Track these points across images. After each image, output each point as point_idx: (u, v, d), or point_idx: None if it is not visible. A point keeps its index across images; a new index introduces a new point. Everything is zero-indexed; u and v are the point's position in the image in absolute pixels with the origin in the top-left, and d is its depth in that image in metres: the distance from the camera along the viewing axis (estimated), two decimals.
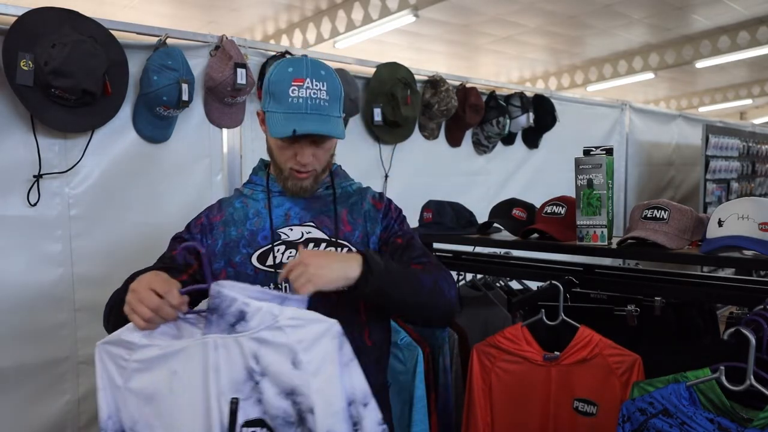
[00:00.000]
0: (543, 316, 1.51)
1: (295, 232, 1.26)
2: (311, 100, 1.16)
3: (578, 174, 1.65)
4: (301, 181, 1.24)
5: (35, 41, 1.64)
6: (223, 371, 0.99)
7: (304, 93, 1.16)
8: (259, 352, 0.98)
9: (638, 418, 1.15)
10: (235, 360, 0.99)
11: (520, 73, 10.83)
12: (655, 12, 7.41)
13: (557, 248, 1.69)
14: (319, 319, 0.98)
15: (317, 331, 0.97)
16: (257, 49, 2.32)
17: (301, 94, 1.16)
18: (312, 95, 1.17)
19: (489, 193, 3.33)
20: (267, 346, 0.98)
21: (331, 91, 1.19)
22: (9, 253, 1.73)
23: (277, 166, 1.26)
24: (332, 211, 1.29)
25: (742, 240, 1.35)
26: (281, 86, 1.17)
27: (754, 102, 13.46)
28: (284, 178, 1.25)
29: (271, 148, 1.26)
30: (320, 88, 1.18)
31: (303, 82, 1.16)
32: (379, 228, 1.30)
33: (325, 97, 1.18)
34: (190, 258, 1.24)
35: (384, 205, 1.34)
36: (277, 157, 1.24)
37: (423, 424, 1.63)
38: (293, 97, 1.16)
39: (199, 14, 7.02)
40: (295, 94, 1.16)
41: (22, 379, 1.77)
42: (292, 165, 1.23)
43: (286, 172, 1.24)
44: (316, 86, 1.17)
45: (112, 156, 1.93)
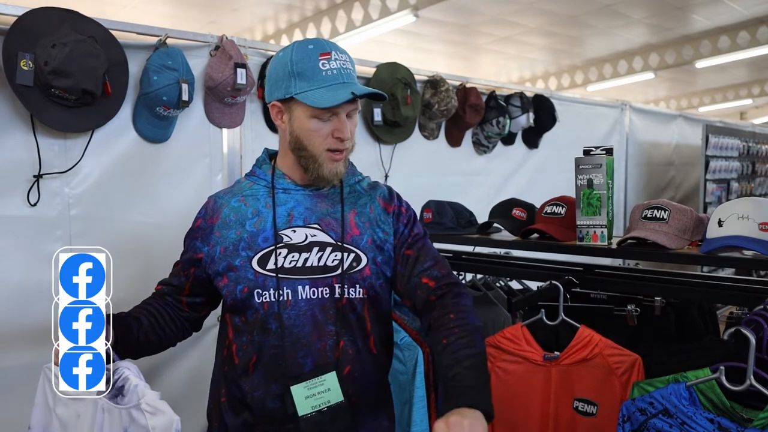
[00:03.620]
0: (543, 316, 1.51)
1: (299, 234, 1.20)
2: (344, 70, 1.15)
3: (578, 174, 1.65)
4: (337, 164, 1.19)
5: (35, 41, 1.63)
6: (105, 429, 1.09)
7: (335, 65, 1.14)
8: (129, 428, 1.07)
9: (638, 418, 1.15)
10: (115, 427, 1.08)
11: (520, 73, 10.82)
12: (655, 12, 7.41)
13: (557, 248, 1.69)
14: (167, 410, 1.05)
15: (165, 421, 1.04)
16: (257, 49, 2.32)
17: (333, 66, 1.14)
18: (342, 66, 1.15)
19: (489, 193, 3.33)
20: (134, 425, 1.06)
21: (351, 61, 1.18)
22: (9, 253, 1.73)
23: (309, 153, 1.18)
24: (339, 212, 1.23)
25: (742, 240, 1.35)
26: (309, 63, 1.13)
27: (754, 102, 13.46)
28: (316, 166, 1.18)
29: (300, 135, 1.18)
30: (345, 58, 1.17)
31: (330, 54, 1.14)
32: (391, 235, 1.25)
33: (351, 67, 1.17)
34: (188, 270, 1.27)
35: (395, 208, 1.28)
36: (311, 141, 1.17)
37: (423, 424, 1.63)
38: (325, 70, 1.13)
39: (199, 14, 7.02)
40: (326, 67, 1.13)
41: (22, 379, 1.77)
42: (329, 145, 1.17)
43: (321, 157, 1.17)
44: (342, 57, 1.16)
45: (112, 156, 1.92)
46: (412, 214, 1.31)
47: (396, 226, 1.26)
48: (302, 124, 1.17)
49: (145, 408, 1.04)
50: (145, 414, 1.04)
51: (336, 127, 1.16)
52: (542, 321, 1.51)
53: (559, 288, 1.50)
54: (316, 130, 1.16)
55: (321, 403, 1.15)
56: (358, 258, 1.21)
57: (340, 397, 1.16)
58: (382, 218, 1.26)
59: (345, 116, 1.17)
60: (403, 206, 1.30)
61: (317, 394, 1.15)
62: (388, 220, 1.26)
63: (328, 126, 1.16)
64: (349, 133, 1.17)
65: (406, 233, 1.27)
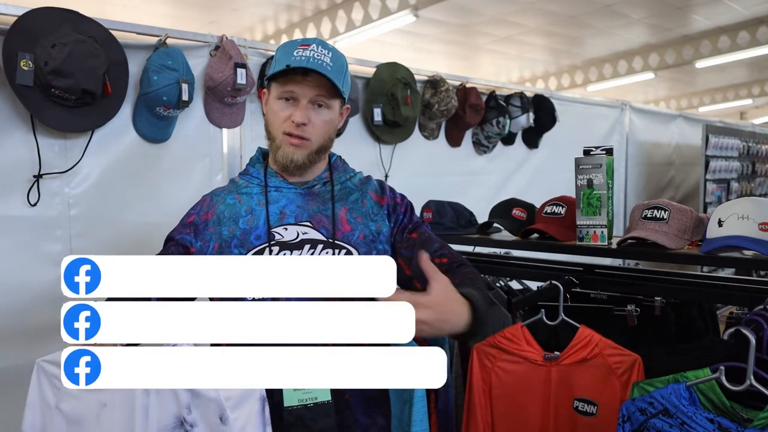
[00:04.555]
0: (543, 316, 1.51)
1: (290, 232, 1.21)
2: (314, 59, 1.16)
3: (578, 174, 1.65)
4: (292, 151, 1.19)
5: (35, 41, 1.64)
6: (152, 415, 1.04)
7: (308, 53, 1.16)
8: (192, 403, 1.03)
9: (638, 418, 1.15)
10: (167, 406, 1.04)
11: (520, 73, 10.82)
12: (655, 12, 7.41)
13: (557, 248, 1.69)
14: None
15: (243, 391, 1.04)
16: (257, 49, 2.32)
17: (305, 54, 1.15)
18: (314, 56, 1.16)
19: (489, 193, 3.33)
20: (198, 399, 1.03)
21: (336, 60, 1.19)
22: (9, 253, 1.73)
23: (272, 135, 1.22)
24: (330, 209, 1.24)
25: (742, 240, 1.35)
26: (287, 50, 1.17)
27: (754, 102, 13.46)
28: (277, 150, 1.21)
29: (268, 118, 1.23)
30: (325, 54, 1.18)
31: (309, 46, 1.17)
32: (386, 226, 1.26)
33: (330, 63, 1.17)
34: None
35: (388, 200, 1.29)
36: (272, 122, 1.21)
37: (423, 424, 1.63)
38: (297, 55, 1.15)
39: (199, 14, 7.02)
40: (299, 53, 1.16)
41: (22, 379, 1.77)
42: (286, 128, 1.19)
43: (278, 139, 1.20)
44: (321, 51, 1.17)
45: (112, 156, 1.93)
46: (408, 204, 1.33)
47: (393, 217, 1.28)
48: (271, 107, 1.22)
49: None
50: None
51: (294, 111, 1.18)
52: (542, 321, 1.51)
53: (559, 288, 1.50)
54: (276, 112, 1.20)
55: (308, 398, 1.16)
56: (350, 254, 1.22)
57: (328, 396, 1.17)
58: (375, 211, 1.27)
59: (306, 102, 1.18)
60: (397, 197, 1.32)
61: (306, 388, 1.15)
62: (381, 213, 1.27)
63: (287, 110, 1.19)
64: (304, 118, 1.18)
65: (406, 221, 1.29)
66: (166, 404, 1.04)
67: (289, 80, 1.18)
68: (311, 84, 1.17)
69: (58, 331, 1.03)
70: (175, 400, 1.04)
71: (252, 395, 1.05)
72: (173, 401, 1.04)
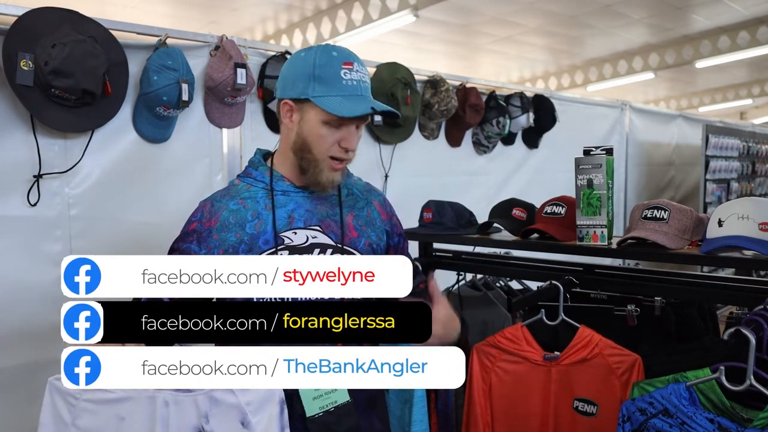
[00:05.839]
0: (543, 316, 1.51)
1: (300, 236, 1.20)
2: (363, 83, 1.16)
3: (578, 174, 1.64)
4: (335, 174, 1.19)
5: (35, 41, 1.64)
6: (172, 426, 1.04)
7: (355, 76, 1.15)
8: (210, 411, 1.03)
9: (638, 418, 1.15)
10: (187, 417, 1.04)
11: (520, 73, 10.82)
12: (655, 12, 7.41)
13: (557, 248, 1.69)
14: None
15: (264, 393, 1.04)
16: (257, 49, 2.32)
17: (353, 77, 1.15)
18: (362, 78, 1.16)
19: (489, 193, 3.33)
20: (218, 406, 1.03)
21: (368, 75, 1.20)
22: (9, 253, 1.73)
23: (313, 157, 1.18)
24: (338, 214, 1.24)
25: (742, 240, 1.35)
26: (331, 70, 1.14)
27: (754, 102, 13.46)
28: (316, 171, 1.18)
29: (308, 138, 1.17)
30: (364, 72, 1.18)
31: (352, 65, 1.16)
32: (383, 241, 1.29)
33: (368, 81, 1.19)
34: None
35: (390, 217, 1.33)
36: (318, 146, 1.17)
37: (423, 424, 1.63)
38: (346, 79, 1.14)
39: (199, 14, 7.02)
40: (348, 77, 1.14)
41: (22, 379, 1.77)
42: (334, 153, 1.17)
43: (323, 162, 1.18)
44: (362, 70, 1.18)
45: (112, 156, 1.93)
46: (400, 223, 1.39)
47: (391, 236, 1.32)
48: (312, 128, 1.17)
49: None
50: (236, 391, 1.02)
51: (344, 136, 1.17)
52: (542, 321, 1.51)
53: (559, 288, 1.50)
54: (324, 136, 1.16)
55: (328, 403, 1.16)
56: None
57: (347, 396, 1.17)
58: (377, 223, 1.30)
59: (355, 128, 1.18)
60: (395, 216, 1.36)
61: (324, 394, 1.16)
62: (382, 227, 1.30)
63: (336, 134, 1.17)
64: (356, 143, 1.19)
65: (402, 244, 1.35)
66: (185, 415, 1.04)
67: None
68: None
69: (58, 331, 1.03)
70: (195, 410, 1.04)
71: (272, 398, 1.05)
72: (193, 411, 1.04)
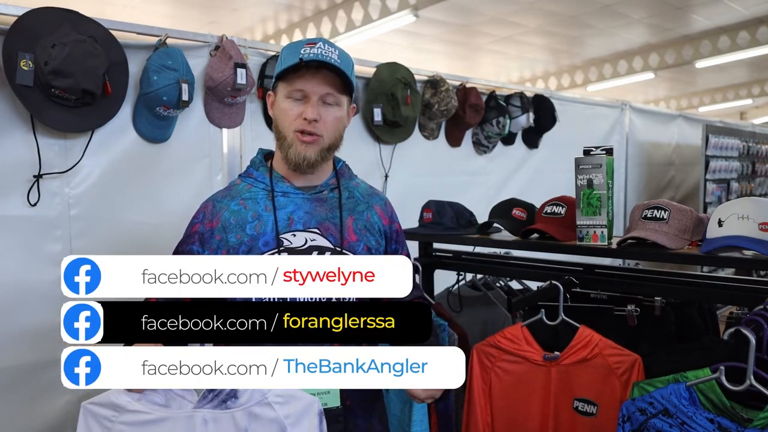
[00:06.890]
0: (543, 316, 1.51)
1: (299, 239, 1.20)
2: (323, 55, 1.16)
3: (578, 174, 1.65)
4: (305, 148, 1.18)
5: (35, 41, 1.64)
6: None
7: (316, 50, 1.16)
8: (250, 427, 1.03)
9: (638, 418, 1.15)
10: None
11: (520, 73, 10.83)
12: (655, 12, 7.41)
13: (557, 248, 1.69)
14: (303, 396, 1.04)
15: (302, 406, 1.04)
16: (257, 49, 2.32)
17: (313, 51, 1.15)
18: (324, 53, 1.16)
19: (489, 193, 3.33)
20: (257, 421, 1.02)
21: (343, 57, 1.19)
22: (9, 253, 1.73)
23: (282, 135, 1.20)
24: (338, 217, 1.23)
25: (742, 240, 1.35)
26: (293, 50, 1.17)
27: (754, 102, 13.46)
28: (287, 147, 1.20)
29: (276, 117, 1.22)
30: (332, 51, 1.18)
31: (315, 44, 1.17)
32: (381, 246, 1.29)
33: (337, 59, 1.17)
34: None
35: (391, 223, 1.32)
36: (283, 121, 1.20)
37: (423, 424, 1.63)
38: (305, 52, 1.15)
39: (199, 14, 7.02)
40: (306, 51, 1.15)
41: (22, 379, 1.77)
42: (297, 126, 1.18)
43: (289, 137, 1.19)
44: (328, 49, 1.17)
45: (112, 156, 1.92)
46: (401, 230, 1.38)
47: (390, 243, 1.31)
48: (278, 105, 1.21)
49: (273, 400, 1.02)
50: (274, 405, 1.02)
51: (303, 110, 1.18)
52: (542, 321, 1.51)
53: (559, 288, 1.50)
54: (287, 110, 1.19)
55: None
56: None
57: (338, 402, 1.17)
58: (377, 228, 1.29)
59: (316, 99, 1.18)
60: (396, 222, 1.35)
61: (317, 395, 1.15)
62: (381, 232, 1.30)
63: (299, 107, 1.18)
64: (315, 115, 1.17)
65: (399, 252, 1.34)
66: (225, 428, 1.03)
67: (298, 78, 1.17)
68: (321, 81, 1.17)
69: (58, 331, 1.03)
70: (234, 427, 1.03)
71: (311, 410, 1.04)
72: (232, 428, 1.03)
